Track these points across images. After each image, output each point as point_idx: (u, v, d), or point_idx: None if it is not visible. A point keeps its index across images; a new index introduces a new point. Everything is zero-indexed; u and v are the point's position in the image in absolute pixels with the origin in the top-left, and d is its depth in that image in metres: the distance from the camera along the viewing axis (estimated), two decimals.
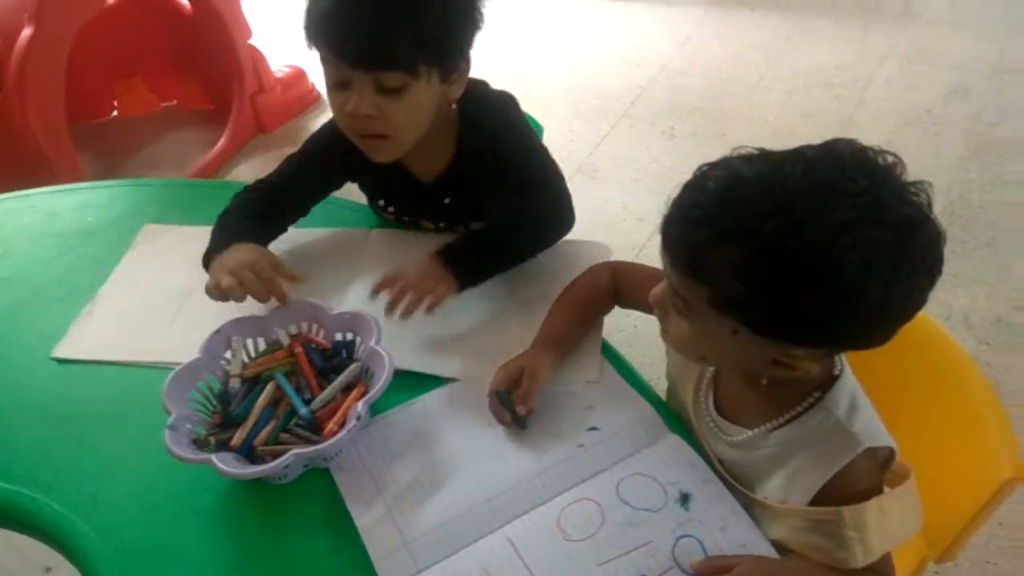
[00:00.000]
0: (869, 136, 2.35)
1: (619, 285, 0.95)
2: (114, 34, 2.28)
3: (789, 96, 2.54)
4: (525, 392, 0.83)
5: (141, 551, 0.76)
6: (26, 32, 1.76)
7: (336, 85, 0.91)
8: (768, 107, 2.51)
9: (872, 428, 0.72)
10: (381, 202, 1.12)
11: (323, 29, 0.87)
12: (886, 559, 0.71)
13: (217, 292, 0.89)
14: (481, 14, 0.93)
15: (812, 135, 2.35)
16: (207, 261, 0.95)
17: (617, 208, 2.17)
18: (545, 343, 0.89)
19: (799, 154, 0.63)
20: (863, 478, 0.70)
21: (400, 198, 1.10)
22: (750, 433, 0.76)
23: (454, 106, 0.99)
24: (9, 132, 1.82)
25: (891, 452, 0.72)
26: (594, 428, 0.82)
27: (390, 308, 0.90)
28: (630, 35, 2.90)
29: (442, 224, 1.11)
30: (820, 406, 0.72)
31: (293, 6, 0.99)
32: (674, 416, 0.85)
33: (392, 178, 1.04)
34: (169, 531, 0.78)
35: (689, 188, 0.66)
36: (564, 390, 0.86)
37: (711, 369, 0.82)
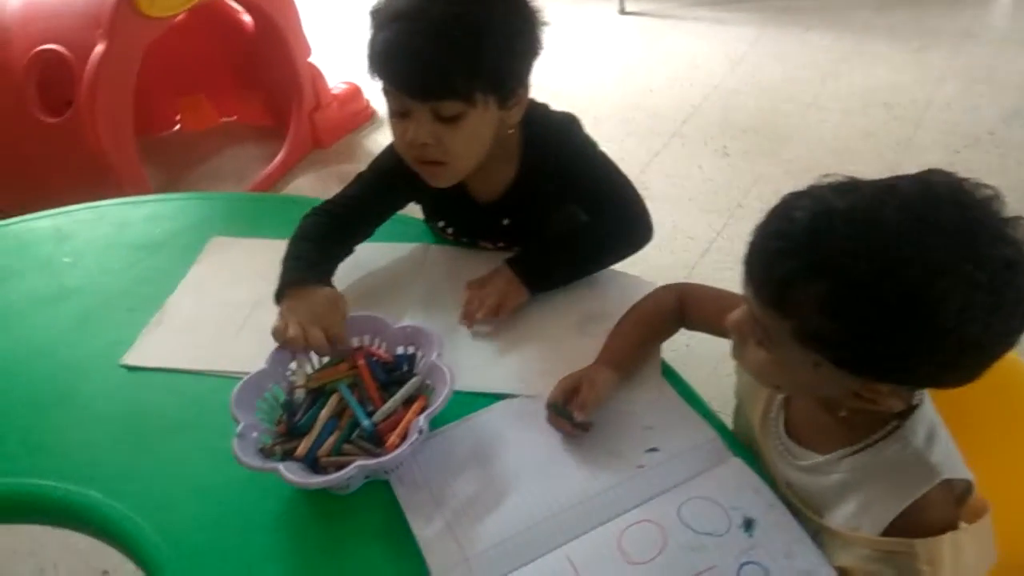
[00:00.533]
0: (930, 157, 2.31)
1: (687, 307, 0.94)
2: (179, 51, 2.35)
3: (846, 116, 2.50)
4: (584, 399, 0.83)
5: (205, 556, 0.78)
6: (99, 49, 1.82)
7: (396, 114, 0.93)
8: (824, 127, 2.47)
9: (950, 460, 0.70)
10: (441, 223, 1.14)
11: (383, 60, 0.90)
12: None
13: (281, 338, 0.89)
14: (540, 40, 0.95)
15: (871, 155, 2.32)
16: (280, 295, 0.96)
17: (669, 226, 2.15)
18: (607, 361, 0.89)
19: (892, 188, 0.61)
20: (938, 510, 0.68)
21: (459, 219, 1.12)
22: (822, 458, 0.74)
23: (512, 131, 1.00)
24: (79, 145, 1.88)
25: (968, 485, 0.70)
26: (654, 449, 0.81)
27: (464, 317, 0.96)
28: (683, 53, 2.89)
29: (501, 244, 1.12)
30: (897, 435, 0.70)
31: (351, 24, 1.02)
32: (735, 439, 0.84)
33: (452, 200, 1.06)
34: (232, 537, 0.79)
35: (776, 217, 0.64)
36: (623, 409, 0.86)
37: (781, 396, 0.80)
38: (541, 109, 1.05)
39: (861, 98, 2.57)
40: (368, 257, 1.10)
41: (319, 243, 1.01)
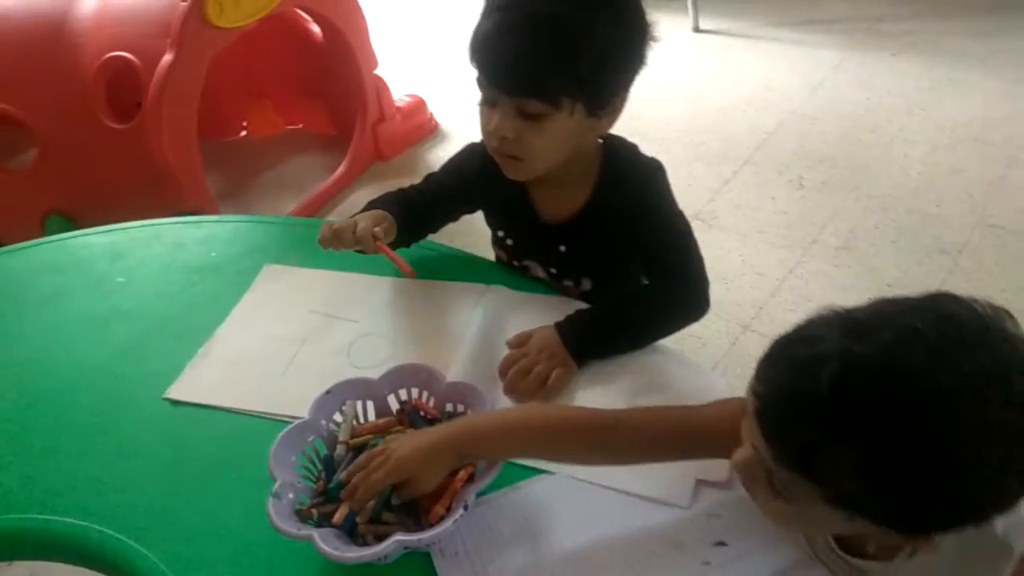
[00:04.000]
0: (1022, 201, 2.12)
1: (619, 433, 0.78)
2: (247, 58, 2.36)
3: (933, 150, 2.36)
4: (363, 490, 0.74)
5: None
6: (167, 58, 1.83)
7: (485, 102, 0.93)
8: (909, 161, 2.34)
9: (1016, 522, 0.63)
10: (500, 233, 1.11)
11: (477, 48, 0.90)
12: None
13: (329, 231, 0.98)
14: (644, 55, 0.92)
15: (958, 194, 2.17)
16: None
17: (736, 260, 2.06)
18: (451, 446, 0.76)
19: (912, 329, 0.55)
20: None
21: (520, 233, 1.09)
22: (892, 563, 0.67)
23: (596, 147, 0.98)
24: (144, 151, 1.89)
25: None
26: (722, 543, 0.74)
27: (508, 392, 0.88)
28: (759, 76, 2.78)
29: (553, 271, 1.08)
30: None
31: (417, 37, 1.00)
32: None
33: (518, 211, 1.05)
34: None
35: (792, 370, 0.58)
36: (670, 501, 0.78)
37: None
38: (629, 144, 1.02)
39: (951, 132, 2.43)
40: (425, 294, 1.06)
41: (398, 203, 1.05)
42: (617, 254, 1.02)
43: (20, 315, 1.11)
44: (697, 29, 3.05)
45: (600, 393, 0.90)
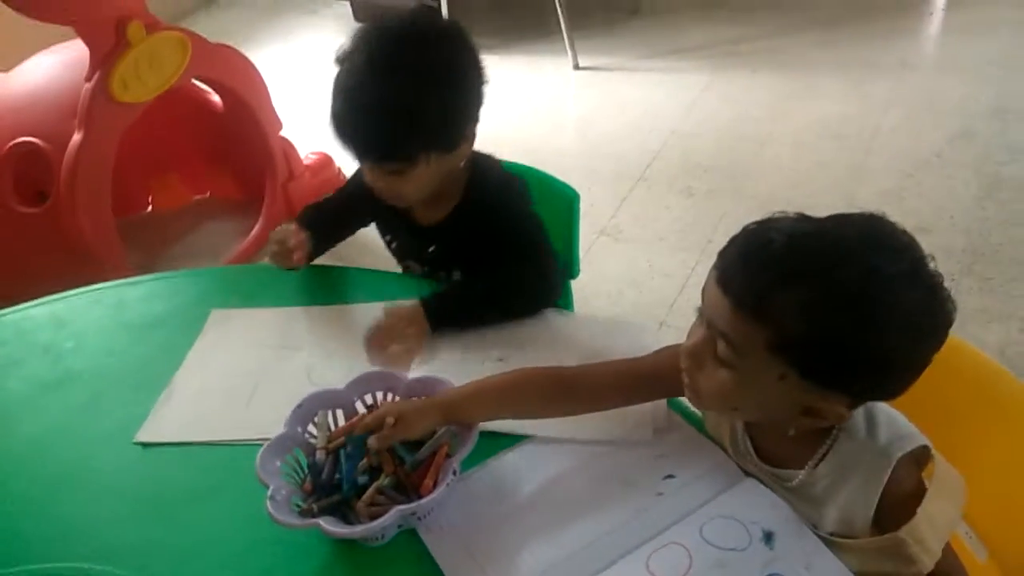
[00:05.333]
0: (884, 181, 2.41)
1: (575, 384, 0.92)
2: (150, 132, 2.38)
3: (799, 149, 2.62)
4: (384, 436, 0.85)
5: None
6: (76, 137, 1.85)
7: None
8: (781, 160, 2.58)
9: (897, 433, 0.77)
10: (388, 238, 1.27)
11: (333, 128, 1.04)
12: (947, 551, 0.75)
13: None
14: (481, 94, 1.07)
15: (827, 184, 2.43)
16: None
17: (644, 266, 2.22)
18: (439, 404, 0.88)
19: (847, 216, 0.72)
20: (908, 483, 0.75)
21: (400, 237, 1.25)
22: (803, 473, 0.79)
23: (460, 168, 1.13)
24: (59, 233, 1.90)
25: (925, 449, 0.76)
26: (670, 476, 0.85)
27: (365, 344, 1.05)
28: (638, 103, 3.01)
29: (425, 268, 1.24)
30: (844, 432, 0.77)
31: (319, 96, 1.11)
32: None
33: (399, 218, 1.19)
34: None
35: (749, 239, 0.72)
36: (634, 439, 0.89)
37: (741, 428, 0.86)
38: (491, 162, 1.19)
39: (812, 131, 2.70)
40: (370, 315, 1.14)
41: (319, 213, 1.25)
42: (480, 251, 1.15)
43: None
44: (577, 67, 3.27)
45: (557, 357, 1.01)
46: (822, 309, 0.67)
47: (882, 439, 0.76)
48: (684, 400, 0.95)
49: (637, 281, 2.15)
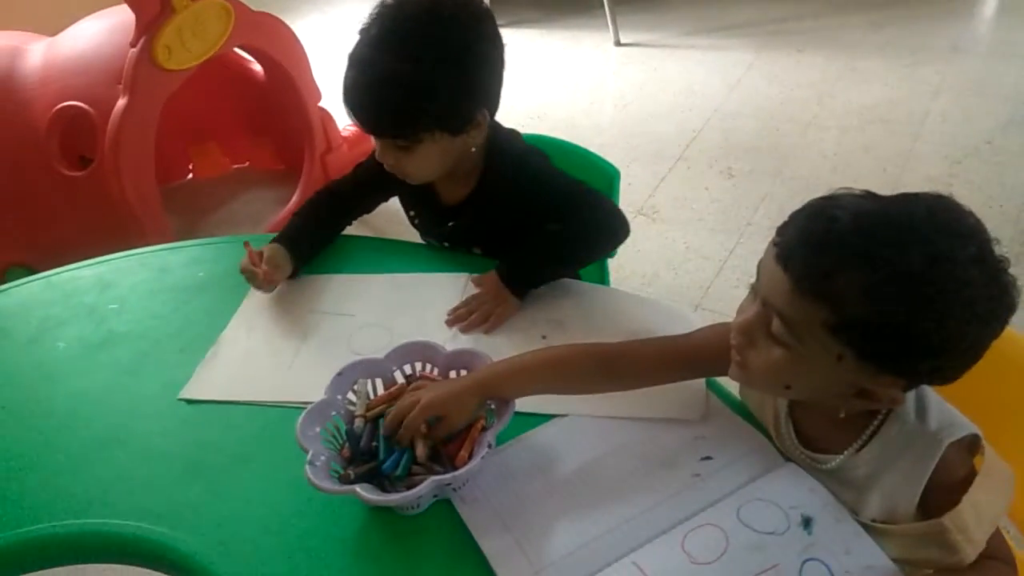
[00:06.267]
0: (931, 168, 2.36)
1: (618, 362, 0.90)
2: (191, 101, 2.40)
3: (844, 133, 2.57)
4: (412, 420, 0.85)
5: None
6: (121, 103, 1.88)
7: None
8: (825, 144, 2.54)
9: (948, 420, 0.75)
10: (411, 213, 1.28)
11: (344, 100, 1.04)
12: (993, 538, 0.74)
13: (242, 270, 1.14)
14: (499, 79, 1.07)
15: (872, 169, 2.38)
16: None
17: (680, 247, 2.20)
18: (478, 383, 0.88)
19: (916, 196, 0.69)
20: (957, 470, 0.74)
21: (424, 214, 1.25)
22: (842, 457, 0.78)
23: (475, 150, 1.11)
24: (103, 198, 1.93)
25: (975, 437, 0.75)
26: (708, 457, 0.84)
27: (453, 322, 1.06)
28: (680, 81, 2.97)
29: (446, 244, 1.24)
30: (892, 416, 0.76)
31: None
32: None
33: (422, 195, 1.21)
34: (303, 565, 0.81)
35: (813, 217, 0.70)
36: (673, 421, 0.89)
37: (784, 410, 0.84)
38: (508, 135, 1.18)
39: (858, 115, 2.64)
40: (411, 287, 1.15)
41: (308, 221, 1.23)
42: (502, 226, 1.16)
43: (16, 347, 1.15)
44: (618, 43, 3.23)
45: (599, 335, 0.99)
46: (886, 292, 0.65)
47: (932, 424, 0.75)
48: (723, 382, 0.95)
49: (673, 263, 2.13)
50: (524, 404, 0.91)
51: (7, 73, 2.00)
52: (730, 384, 0.95)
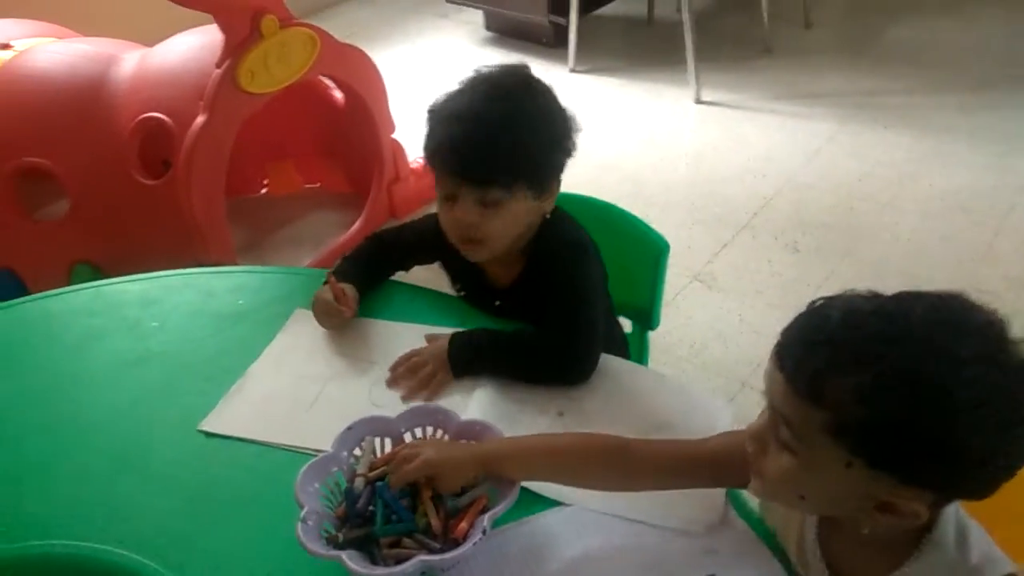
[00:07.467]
0: (1012, 266, 2.22)
1: (633, 458, 0.87)
2: (272, 120, 2.48)
3: (923, 218, 2.46)
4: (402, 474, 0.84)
5: None
6: (199, 120, 1.95)
7: (446, 198, 1.09)
8: (900, 227, 2.44)
9: (988, 554, 0.70)
10: (457, 285, 1.28)
11: (443, 151, 1.06)
12: None
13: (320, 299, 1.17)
14: (574, 143, 1.10)
15: (950, 259, 2.26)
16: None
17: (735, 319, 2.14)
18: (481, 455, 0.86)
19: (918, 295, 0.67)
20: None
21: (469, 288, 1.24)
22: None
23: (539, 222, 1.13)
24: (172, 207, 1.99)
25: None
26: None
27: (391, 383, 1.08)
28: (756, 145, 2.91)
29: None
30: (931, 542, 0.70)
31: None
32: None
33: (470, 273, 1.21)
34: None
35: (808, 316, 0.69)
36: (683, 527, 0.85)
37: (813, 528, 0.79)
38: (563, 222, 1.16)
39: (940, 200, 2.53)
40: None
41: (357, 265, 1.24)
42: (539, 311, 1.12)
43: (56, 353, 1.19)
44: (699, 100, 3.19)
45: (612, 422, 0.98)
46: (878, 392, 0.62)
47: (974, 558, 0.69)
48: (745, 494, 0.90)
49: (724, 334, 2.07)
50: (530, 484, 0.88)
51: (100, 80, 2.09)
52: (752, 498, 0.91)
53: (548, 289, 1.10)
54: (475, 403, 1.02)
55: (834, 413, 0.64)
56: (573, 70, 3.41)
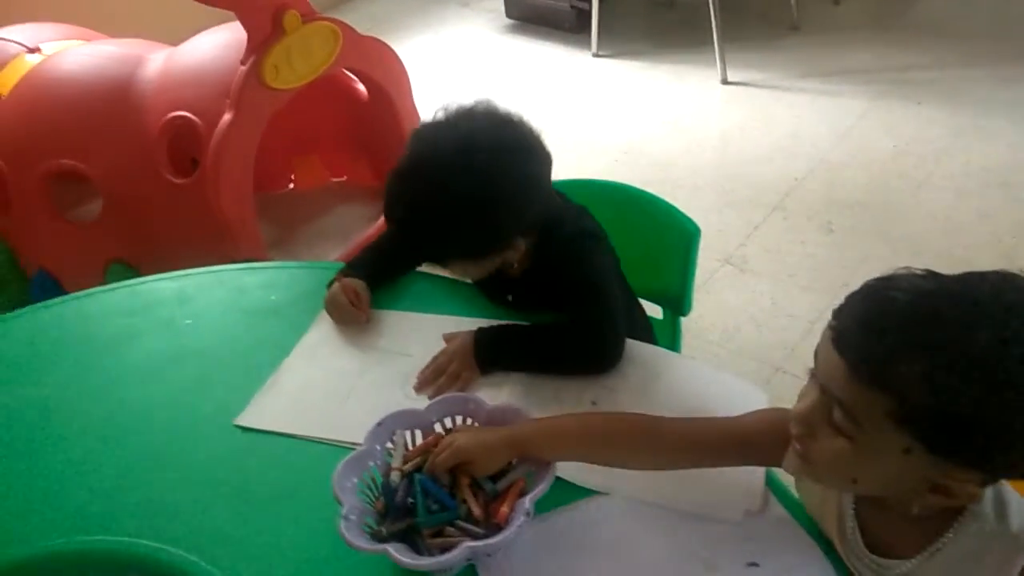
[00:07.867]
0: None
1: (661, 436, 0.87)
2: (297, 116, 2.49)
3: (960, 196, 2.41)
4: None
5: None
6: (226, 117, 1.95)
7: None
8: (937, 205, 2.38)
9: None
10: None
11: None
12: None
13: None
14: (532, 195, 1.05)
15: (987, 238, 2.21)
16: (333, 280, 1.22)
17: (767, 303, 2.11)
18: (512, 437, 0.86)
19: (982, 275, 0.65)
20: None
21: (483, 283, 1.22)
22: (912, 563, 0.72)
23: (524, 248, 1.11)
24: (202, 205, 2.01)
25: None
26: (754, 564, 0.79)
27: (421, 387, 1.06)
28: (786, 124, 2.85)
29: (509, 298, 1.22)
30: (969, 514, 0.69)
31: (458, 95, 1.12)
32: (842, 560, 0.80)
33: None
34: None
35: (870, 299, 0.66)
36: (723, 516, 0.84)
37: (851, 509, 0.78)
38: (568, 212, 1.15)
39: (978, 177, 2.47)
40: (470, 328, 1.13)
41: (379, 256, 1.26)
42: (551, 303, 1.12)
43: (93, 352, 1.20)
44: (725, 81, 3.14)
45: (646, 409, 0.95)
46: (950, 379, 0.60)
47: (1015, 525, 0.68)
48: (781, 476, 0.89)
49: (757, 318, 2.04)
50: (565, 472, 0.88)
51: (128, 81, 2.11)
52: (786, 478, 0.89)
53: (561, 282, 1.09)
54: (507, 397, 1.01)
55: (899, 399, 0.62)
56: (596, 55, 3.38)
